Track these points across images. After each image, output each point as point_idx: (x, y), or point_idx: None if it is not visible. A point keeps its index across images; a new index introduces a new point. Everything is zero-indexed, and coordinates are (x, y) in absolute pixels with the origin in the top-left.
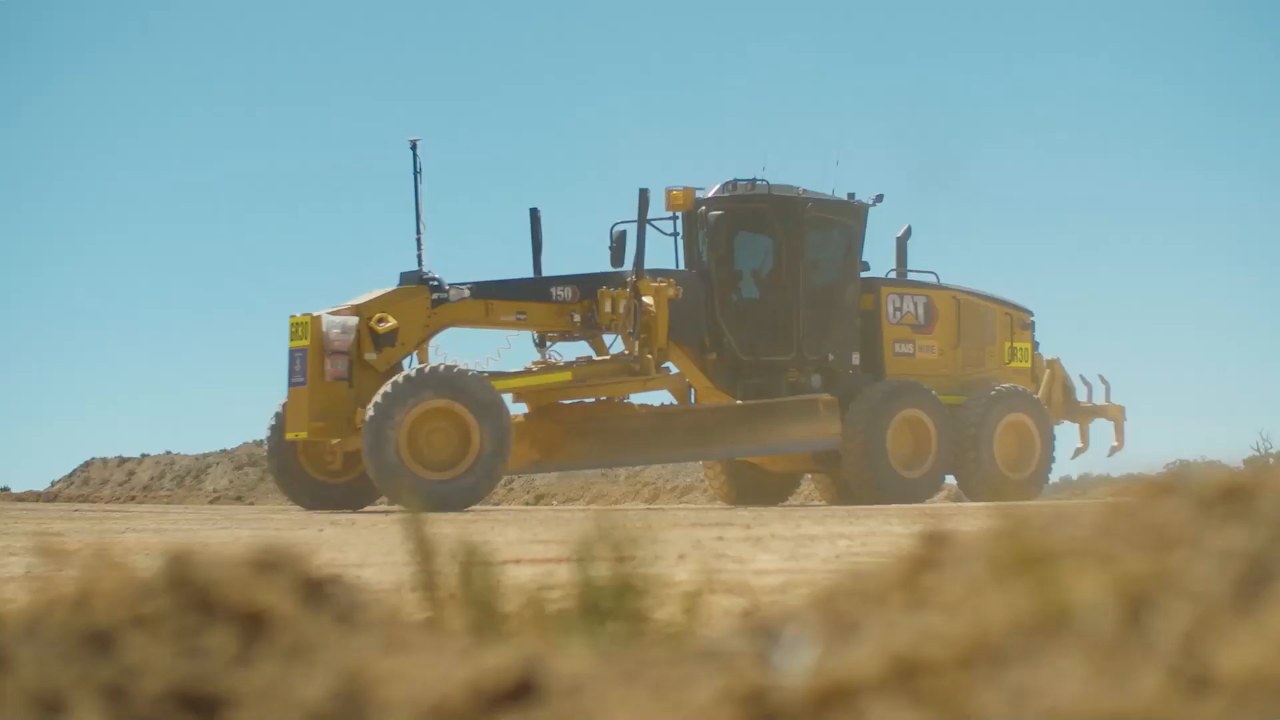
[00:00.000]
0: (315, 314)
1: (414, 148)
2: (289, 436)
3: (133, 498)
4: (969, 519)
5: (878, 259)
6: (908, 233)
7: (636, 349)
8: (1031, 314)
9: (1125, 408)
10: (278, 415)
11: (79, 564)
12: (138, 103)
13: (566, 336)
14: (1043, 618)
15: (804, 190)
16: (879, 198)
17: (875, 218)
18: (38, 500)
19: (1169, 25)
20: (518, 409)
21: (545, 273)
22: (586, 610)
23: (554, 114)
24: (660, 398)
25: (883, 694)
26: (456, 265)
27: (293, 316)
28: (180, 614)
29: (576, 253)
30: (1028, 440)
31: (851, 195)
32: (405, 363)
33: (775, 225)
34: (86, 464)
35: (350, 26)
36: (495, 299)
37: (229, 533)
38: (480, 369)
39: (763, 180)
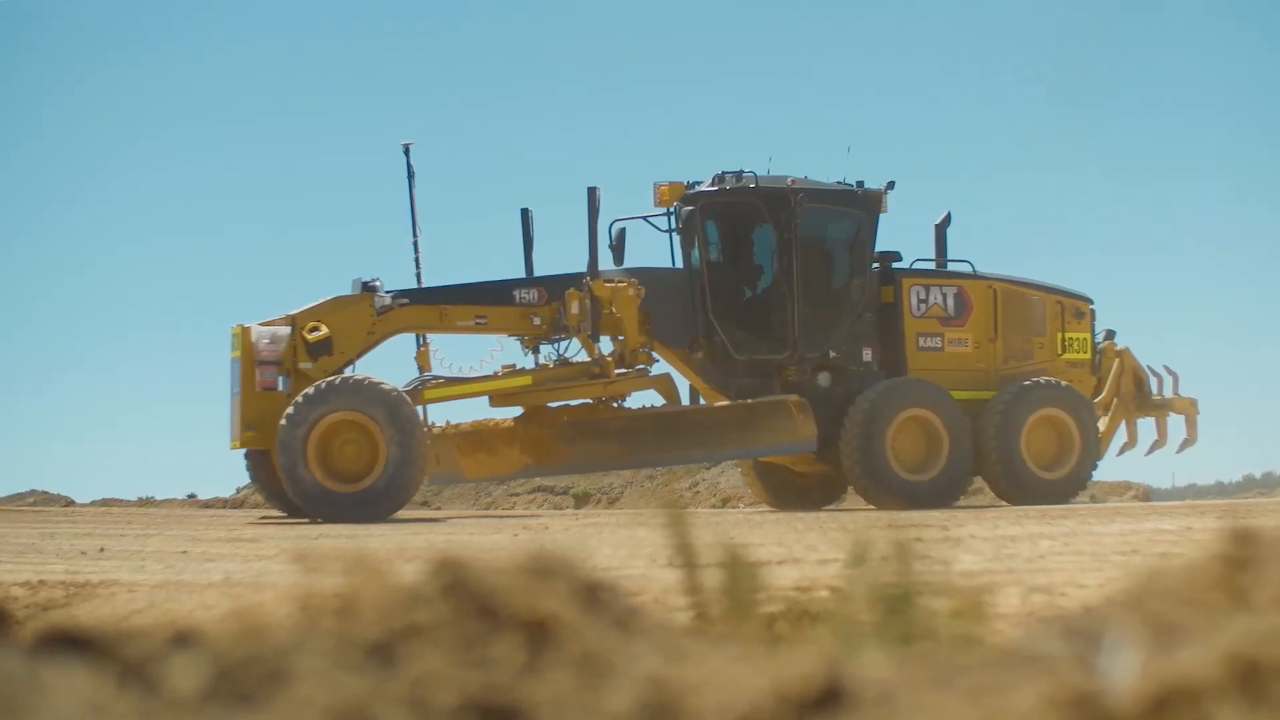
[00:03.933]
0: (248, 324)
1: (407, 152)
2: (231, 447)
3: None
4: (1272, 515)
5: (912, 248)
6: (947, 220)
7: (596, 351)
8: (1090, 301)
9: (1197, 400)
10: None
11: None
12: (186, 111)
13: (539, 340)
14: None
15: (795, 180)
16: (890, 185)
17: (903, 205)
18: (224, 507)
19: None
20: (511, 413)
21: (538, 273)
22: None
23: (547, 112)
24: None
25: (1223, 696)
26: (452, 267)
27: (233, 327)
28: (459, 622)
29: (573, 253)
30: (1066, 437)
31: (860, 183)
32: (348, 370)
33: (766, 218)
34: None
35: (339, 33)
36: (451, 303)
37: (423, 539)
38: (462, 374)
39: (750, 172)
